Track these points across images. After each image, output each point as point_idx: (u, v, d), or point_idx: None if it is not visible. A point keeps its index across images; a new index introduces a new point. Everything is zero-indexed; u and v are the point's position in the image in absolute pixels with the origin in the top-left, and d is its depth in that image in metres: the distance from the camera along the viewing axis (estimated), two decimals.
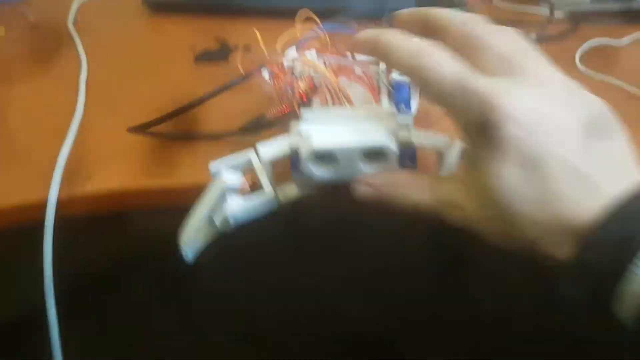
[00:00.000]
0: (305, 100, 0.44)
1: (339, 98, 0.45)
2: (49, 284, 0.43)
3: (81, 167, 0.46)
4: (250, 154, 0.40)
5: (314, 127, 0.39)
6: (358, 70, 0.46)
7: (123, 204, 0.45)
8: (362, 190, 0.38)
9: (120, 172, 0.46)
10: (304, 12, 0.48)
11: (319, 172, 0.39)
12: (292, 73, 0.45)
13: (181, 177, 0.46)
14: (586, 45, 0.68)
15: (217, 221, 0.39)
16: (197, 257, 0.40)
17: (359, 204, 0.38)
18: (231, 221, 0.39)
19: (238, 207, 0.39)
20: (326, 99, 0.45)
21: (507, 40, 0.35)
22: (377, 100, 0.46)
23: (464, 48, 0.35)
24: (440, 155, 0.40)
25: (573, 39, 0.72)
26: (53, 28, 0.71)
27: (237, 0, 0.77)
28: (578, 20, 0.76)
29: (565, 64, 0.36)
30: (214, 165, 0.40)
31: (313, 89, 0.45)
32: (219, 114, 0.52)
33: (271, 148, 0.40)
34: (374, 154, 0.38)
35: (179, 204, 0.41)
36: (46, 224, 0.42)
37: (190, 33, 0.71)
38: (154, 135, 0.49)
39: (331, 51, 0.48)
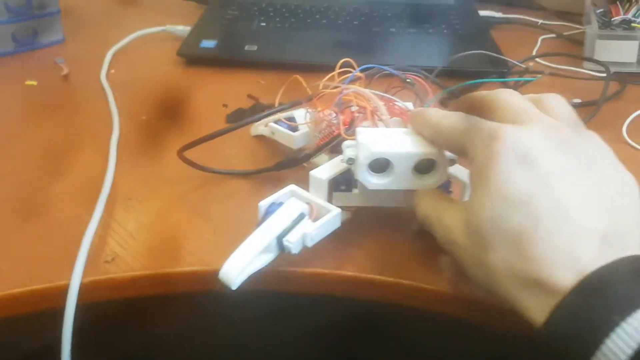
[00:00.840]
0: (348, 127, 0.46)
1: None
2: None
3: (106, 247, 0.44)
4: (291, 186, 0.44)
5: (370, 138, 0.41)
6: (398, 105, 0.48)
7: (149, 290, 0.43)
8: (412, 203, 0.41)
9: (147, 255, 0.44)
10: (344, 62, 0.50)
11: (374, 180, 0.41)
12: (337, 104, 0.47)
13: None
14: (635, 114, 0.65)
15: (290, 242, 0.40)
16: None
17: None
18: (309, 242, 0.41)
19: (313, 227, 0.41)
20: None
21: (518, 98, 0.38)
22: None
23: (482, 109, 0.39)
24: (464, 188, 0.45)
25: (621, 101, 0.69)
26: (85, 79, 0.70)
27: (272, 56, 0.76)
28: (625, 81, 0.73)
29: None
30: (263, 203, 0.42)
31: (353, 120, 0.47)
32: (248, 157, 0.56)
33: (326, 168, 0.44)
34: (425, 167, 0.41)
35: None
36: (66, 311, 0.40)
37: (224, 88, 0.70)
38: (191, 164, 0.51)
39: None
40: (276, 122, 0.54)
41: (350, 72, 0.49)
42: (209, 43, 0.78)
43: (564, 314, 0.30)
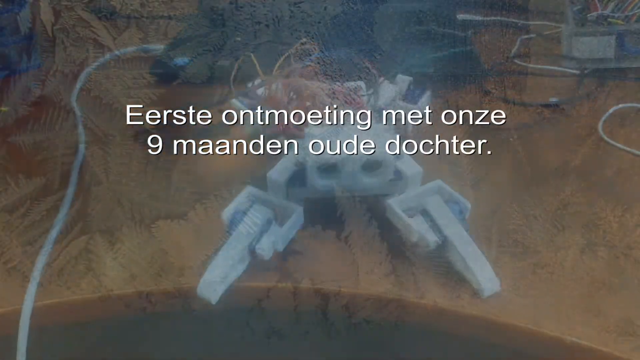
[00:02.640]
0: (297, 120, 0.48)
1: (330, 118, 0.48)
2: None
3: (62, 270, 0.44)
4: (249, 189, 0.45)
5: (317, 142, 0.43)
6: (349, 94, 0.50)
7: (104, 312, 0.42)
8: None
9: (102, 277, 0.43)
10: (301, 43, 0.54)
11: (323, 182, 0.44)
12: (289, 95, 0.50)
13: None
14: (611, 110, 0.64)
15: (262, 250, 0.42)
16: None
17: None
18: (280, 247, 0.43)
19: (281, 233, 0.43)
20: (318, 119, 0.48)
21: None
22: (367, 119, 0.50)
23: None
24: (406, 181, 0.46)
25: (599, 97, 0.68)
26: (56, 104, 0.70)
27: (243, 70, 0.75)
28: (604, 77, 0.72)
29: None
30: (226, 212, 0.43)
31: (304, 109, 0.49)
32: None
33: (281, 170, 0.46)
34: (373, 165, 0.44)
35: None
36: (19, 336, 0.40)
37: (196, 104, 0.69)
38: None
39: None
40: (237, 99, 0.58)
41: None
42: (182, 60, 0.77)
43: None
